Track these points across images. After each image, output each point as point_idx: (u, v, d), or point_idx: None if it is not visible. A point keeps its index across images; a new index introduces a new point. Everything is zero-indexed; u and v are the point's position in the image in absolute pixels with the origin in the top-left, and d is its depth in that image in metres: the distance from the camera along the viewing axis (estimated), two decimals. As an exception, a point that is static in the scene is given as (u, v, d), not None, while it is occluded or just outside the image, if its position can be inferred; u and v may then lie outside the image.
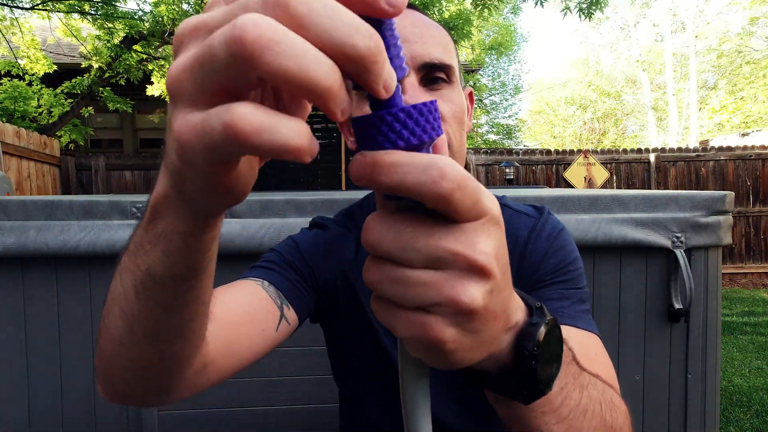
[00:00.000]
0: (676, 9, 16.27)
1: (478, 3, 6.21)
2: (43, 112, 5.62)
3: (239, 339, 0.53)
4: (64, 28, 5.97)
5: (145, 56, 5.95)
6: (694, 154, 6.28)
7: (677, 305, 1.28)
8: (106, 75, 5.73)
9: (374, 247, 0.26)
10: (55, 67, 5.91)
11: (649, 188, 6.36)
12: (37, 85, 5.62)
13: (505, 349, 0.32)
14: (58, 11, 5.70)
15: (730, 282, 6.15)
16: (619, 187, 6.30)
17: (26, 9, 5.55)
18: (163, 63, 6.06)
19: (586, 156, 6.31)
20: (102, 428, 1.22)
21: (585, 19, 5.42)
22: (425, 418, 0.31)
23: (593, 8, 5.34)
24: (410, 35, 0.57)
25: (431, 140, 0.24)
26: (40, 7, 5.54)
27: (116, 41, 5.58)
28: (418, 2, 5.39)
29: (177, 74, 0.21)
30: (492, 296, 0.26)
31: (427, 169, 0.23)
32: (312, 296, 0.68)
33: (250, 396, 1.25)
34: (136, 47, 5.79)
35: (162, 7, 5.44)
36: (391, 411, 0.67)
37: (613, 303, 1.30)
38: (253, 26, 0.18)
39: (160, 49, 6.03)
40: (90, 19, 5.72)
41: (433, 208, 0.24)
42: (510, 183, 6.15)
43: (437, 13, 6.27)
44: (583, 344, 0.55)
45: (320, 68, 0.19)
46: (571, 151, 6.42)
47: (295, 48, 0.18)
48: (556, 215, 0.72)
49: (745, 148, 6.31)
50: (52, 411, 1.21)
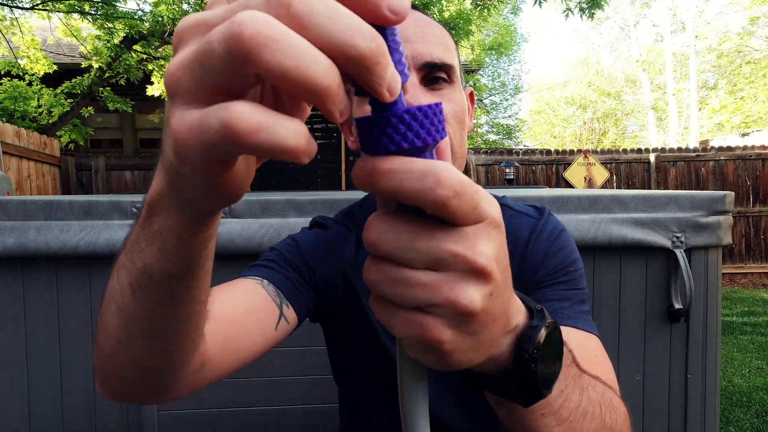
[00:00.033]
0: (676, 9, 16.27)
1: (478, 3, 6.22)
2: (43, 112, 5.61)
3: (238, 337, 0.52)
4: (64, 28, 5.97)
5: (145, 56, 5.94)
6: (694, 154, 6.29)
7: (677, 305, 1.28)
8: (106, 75, 5.73)
9: (375, 247, 0.26)
10: (55, 67, 5.90)
11: (649, 188, 6.36)
12: (37, 85, 5.62)
13: (505, 351, 0.32)
14: (58, 11, 5.70)
15: (730, 282, 6.15)
16: (619, 187, 6.30)
17: (26, 9, 5.55)
18: (163, 63, 6.05)
19: (586, 156, 6.31)
20: (102, 428, 1.21)
21: (587, 19, 5.41)
22: (423, 418, 0.31)
23: (594, 9, 5.33)
24: (411, 35, 0.57)
25: (435, 143, 0.24)
26: (40, 7, 5.54)
27: (116, 41, 5.57)
28: (418, 2, 5.39)
29: (175, 71, 0.21)
30: (491, 299, 0.26)
31: (424, 176, 0.23)
32: (312, 295, 0.68)
33: (250, 396, 1.25)
34: (136, 47, 5.78)
35: (162, 7, 5.44)
36: (391, 411, 0.67)
37: (613, 303, 1.30)
38: (252, 23, 0.18)
39: (160, 49, 6.02)
40: (90, 19, 5.72)
41: (432, 213, 0.24)
42: (510, 183, 6.15)
43: (437, 13, 6.27)
44: (583, 345, 0.55)
45: (319, 67, 0.19)
46: (571, 151, 6.42)
47: (294, 46, 0.18)
48: (556, 215, 0.72)
49: (745, 148, 6.32)
50: (52, 411, 1.21)
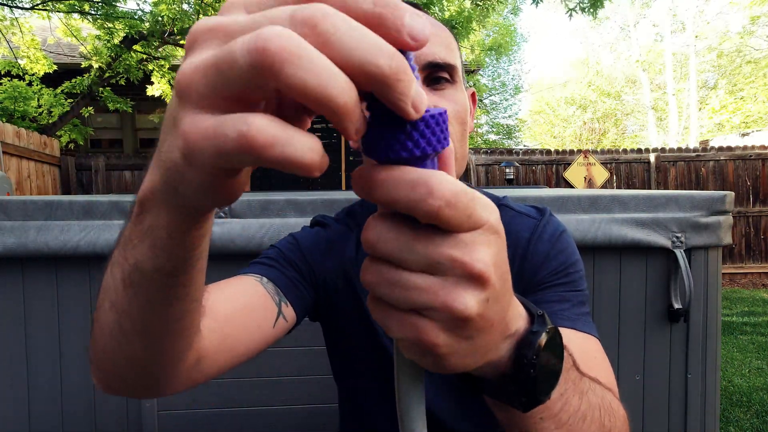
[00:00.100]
0: (676, 9, 16.27)
1: (478, 3, 6.21)
2: (43, 112, 5.61)
3: (235, 334, 0.52)
4: (64, 28, 5.97)
5: (145, 56, 5.94)
6: (694, 154, 6.29)
7: (677, 305, 1.28)
8: (106, 75, 5.72)
9: (373, 248, 0.26)
10: (55, 67, 5.90)
11: (649, 188, 6.36)
12: (37, 85, 5.61)
13: (504, 356, 0.32)
14: (58, 11, 5.70)
15: (730, 282, 6.15)
16: (619, 187, 6.30)
17: (26, 9, 5.55)
18: (163, 63, 6.05)
19: (586, 156, 6.31)
20: (102, 428, 1.22)
21: (590, 18, 5.41)
22: (420, 419, 0.31)
23: (594, 9, 5.33)
24: None
25: (435, 153, 0.24)
26: (40, 7, 5.54)
27: (116, 41, 5.57)
28: (419, 1, 5.39)
29: (190, 73, 0.21)
30: (488, 304, 0.26)
31: (416, 186, 0.23)
32: (311, 294, 0.68)
33: (250, 396, 1.25)
34: (136, 47, 5.78)
35: (162, 7, 5.43)
36: (391, 411, 0.67)
37: (613, 303, 1.30)
38: (278, 39, 0.18)
39: (160, 49, 6.02)
40: (90, 19, 5.72)
41: (426, 222, 0.24)
42: (510, 183, 6.15)
43: (438, 13, 6.27)
44: (583, 347, 0.55)
45: (338, 85, 0.19)
46: (571, 151, 6.42)
47: (316, 64, 0.18)
48: (557, 215, 0.72)
49: (745, 148, 6.31)
50: (52, 411, 1.21)
